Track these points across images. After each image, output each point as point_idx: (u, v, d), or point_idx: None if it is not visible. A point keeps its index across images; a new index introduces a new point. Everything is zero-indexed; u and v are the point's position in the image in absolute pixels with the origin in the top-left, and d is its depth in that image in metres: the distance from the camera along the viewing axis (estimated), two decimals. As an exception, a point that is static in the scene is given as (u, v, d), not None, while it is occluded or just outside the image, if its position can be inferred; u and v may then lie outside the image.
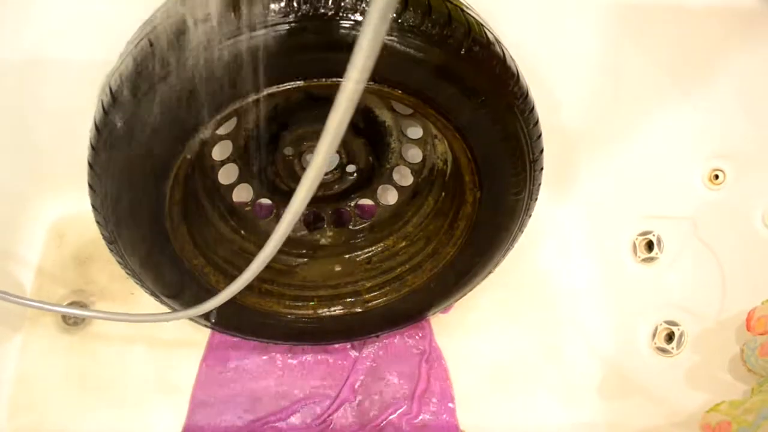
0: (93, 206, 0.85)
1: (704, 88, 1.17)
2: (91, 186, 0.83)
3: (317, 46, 0.71)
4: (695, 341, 1.19)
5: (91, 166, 0.80)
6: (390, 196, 1.19)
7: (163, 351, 1.23)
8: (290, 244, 1.14)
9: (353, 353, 1.24)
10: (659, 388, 1.20)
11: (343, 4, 0.68)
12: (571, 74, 1.15)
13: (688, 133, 1.23)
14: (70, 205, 1.31)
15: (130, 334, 1.23)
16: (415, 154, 1.12)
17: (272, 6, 0.68)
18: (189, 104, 0.73)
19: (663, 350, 1.20)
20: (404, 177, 1.16)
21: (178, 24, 0.70)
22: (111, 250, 0.92)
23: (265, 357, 1.22)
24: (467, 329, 1.28)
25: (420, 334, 1.25)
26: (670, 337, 1.20)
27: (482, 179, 0.89)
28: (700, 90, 1.18)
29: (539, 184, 0.93)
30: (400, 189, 1.17)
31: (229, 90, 0.72)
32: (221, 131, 0.96)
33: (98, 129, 0.77)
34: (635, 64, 1.15)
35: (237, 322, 1.09)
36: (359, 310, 1.10)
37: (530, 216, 0.98)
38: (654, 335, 1.23)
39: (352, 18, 0.69)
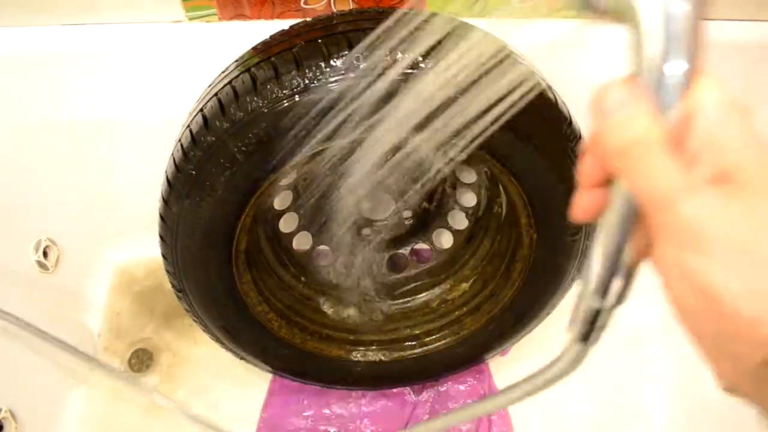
0: (163, 256, 0.90)
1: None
2: (162, 237, 0.87)
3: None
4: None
5: (162, 218, 0.85)
6: (445, 240, 1.21)
7: (227, 399, 1.25)
8: (352, 290, 1.17)
9: (412, 397, 1.24)
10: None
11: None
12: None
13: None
14: (137, 250, 1.37)
15: (194, 382, 1.27)
16: (469, 198, 1.14)
17: (332, 63, 0.72)
18: (254, 159, 0.76)
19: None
20: (459, 221, 1.18)
21: (245, 81, 0.74)
22: (179, 298, 0.96)
23: (324, 401, 1.24)
24: (526, 371, 1.27)
25: (479, 377, 1.25)
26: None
27: (538, 221, 0.90)
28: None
29: (596, 225, 0.94)
30: (455, 233, 1.18)
31: (292, 144, 0.76)
32: (283, 182, 1.00)
33: (170, 183, 0.81)
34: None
35: (298, 366, 1.11)
36: (418, 354, 1.11)
37: (587, 257, 0.98)
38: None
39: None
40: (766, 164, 0.33)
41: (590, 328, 0.46)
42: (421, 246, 1.22)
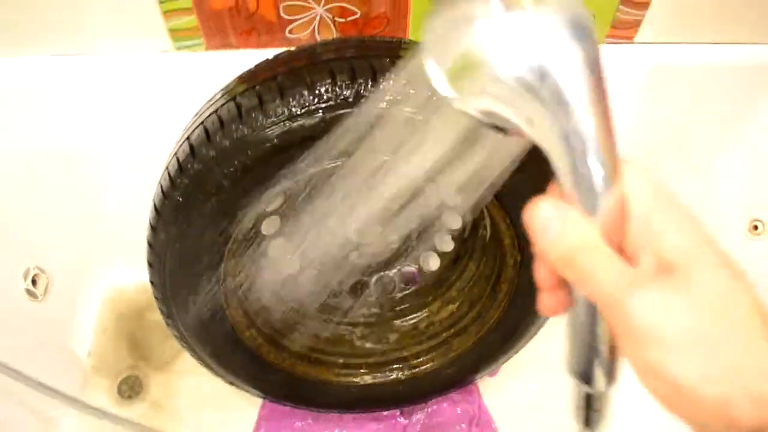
0: (152, 282, 0.90)
1: (742, 141, 1.19)
2: (150, 263, 0.88)
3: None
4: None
5: (150, 244, 0.85)
6: (432, 263, 1.22)
7: (217, 424, 1.25)
8: (338, 313, 1.17)
9: (402, 420, 1.24)
10: None
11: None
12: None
13: (727, 184, 1.24)
14: (126, 277, 1.38)
15: (183, 408, 1.26)
16: (454, 221, 1.15)
17: (317, 90, 0.73)
18: (240, 186, 0.77)
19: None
20: (445, 243, 1.19)
21: (231, 110, 0.76)
22: (167, 324, 0.96)
23: (313, 425, 1.23)
24: (515, 391, 1.28)
25: (468, 398, 1.25)
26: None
27: (522, 242, 0.92)
28: (738, 143, 1.20)
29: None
30: (441, 255, 1.19)
31: (277, 169, 0.77)
32: (270, 207, 1.01)
33: (157, 210, 0.82)
34: (672, 120, 1.18)
35: (288, 391, 1.11)
36: (407, 376, 1.11)
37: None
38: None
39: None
40: (703, 247, 0.34)
41: (588, 412, 0.47)
42: (409, 268, 1.23)
